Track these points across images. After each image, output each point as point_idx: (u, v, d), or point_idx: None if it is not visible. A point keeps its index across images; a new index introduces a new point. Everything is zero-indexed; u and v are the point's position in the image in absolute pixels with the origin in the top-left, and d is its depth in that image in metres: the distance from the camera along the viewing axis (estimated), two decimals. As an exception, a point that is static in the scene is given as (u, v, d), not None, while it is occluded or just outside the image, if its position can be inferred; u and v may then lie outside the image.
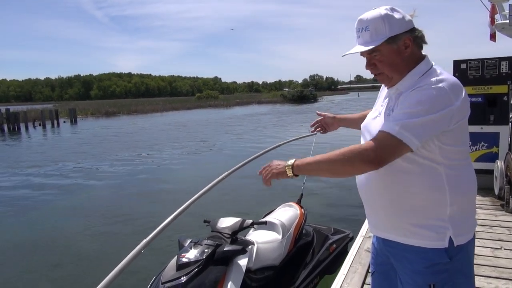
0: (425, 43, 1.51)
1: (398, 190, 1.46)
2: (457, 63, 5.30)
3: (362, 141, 1.62)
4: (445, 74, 1.41)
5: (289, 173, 1.53)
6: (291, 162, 1.54)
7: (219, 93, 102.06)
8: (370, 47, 1.43)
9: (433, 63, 1.49)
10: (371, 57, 1.49)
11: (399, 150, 1.33)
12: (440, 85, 1.34)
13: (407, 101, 1.37)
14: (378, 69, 1.50)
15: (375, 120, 1.57)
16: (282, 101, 67.06)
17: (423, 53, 1.51)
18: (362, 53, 1.50)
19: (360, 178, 1.61)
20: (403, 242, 1.50)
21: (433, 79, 1.37)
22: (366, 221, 4.35)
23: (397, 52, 1.45)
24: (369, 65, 1.52)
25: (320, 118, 2.24)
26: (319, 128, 2.25)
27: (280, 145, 4.07)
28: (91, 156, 14.68)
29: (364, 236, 3.94)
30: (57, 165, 12.73)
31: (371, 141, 1.37)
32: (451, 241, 1.42)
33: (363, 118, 2.07)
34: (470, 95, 5.32)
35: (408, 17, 1.46)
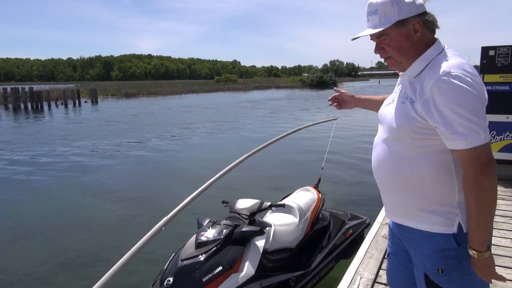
0: (437, 27, 1.48)
1: (408, 176, 1.47)
2: (485, 50, 5.14)
3: (380, 128, 1.63)
4: (454, 58, 1.39)
5: (486, 254, 1.39)
6: (486, 252, 1.39)
7: (238, 77, 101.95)
8: (378, 30, 1.43)
9: (445, 46, 1.46)
10: (380, 41, 1.49)
11: (489, 148, 1.35)
12: (453, 72, 1.32)
13: (442, 106, 1.32)
14: (387, 53, 1.50)
15: (388, 107, 1.58)
16: (301, 86, 66.59)
17: (435, 37, 1.48)
18: (372, 37, 1.50)
19: (373, 162, 1.64)
20: (414, 227, 1.53)
21: (443, 68, 1.34)
22: (384, 207, 4.37)
23: (406, 36, 1.43)
24: (378, 49, 1.52)
25: (336, 94, 2.24)
26: (336, 103, 2.24)
27: (299, 129, 4.07)
28: (113, 135, 14.93)
29: (381, 223, 3.94)
30: (80, 143, 13.00)
31: (475, 164, 1.32)
32: (460, 227, 1.43)
33: (383, 101, 2.07)
34: (497, 84, 5.20)
35: (419, 1, 1.43)
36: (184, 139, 13.70)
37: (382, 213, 4.21)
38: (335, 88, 2.32)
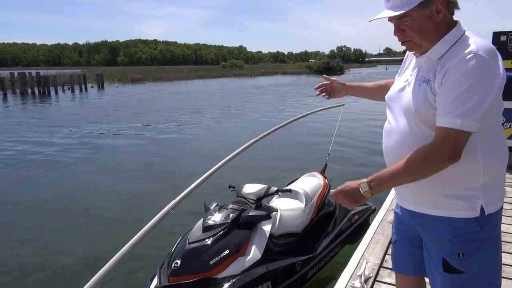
0: (458, 8, 1.43)
1: None
2: (496, 35, 5.05)
3: (389, 113, 1.60)
4: (479, 40, 1.35)
5: (368, 195, 1.46)
6: (365, 186, 1.46)
7: (244, 63, 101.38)
8: (401, 12, 1.37)
9: (465, 29, 1.42)
10: (400, 23, 1.42)
11: (466, 138, 1.32)
12: (480, 53, 1.29)
13: (453, 82, 1.31)
14: (407, 36, 1.43)
15: (404, 91, 1.52)
16: (307, 72, 66.11)
17: (456, 19, 1.44)
18: (391, 19, 1.43)
19: (389, 149, 1.58)
20: (432, 214, 1.50)
21: (469, 48, 1.31)
22: (390, 193, 4.37)
23: (429, 17, 1.38)
24: (397, 31, 1.45)
25: (326, 82, 2.15)
26: (324, 93, 2.15)
27: (307, 115, 4.06)
28: (121, 119, 15.00)
29: (388, 209, 3.95)
30: (89, 127, 13.09)
31: (438, 139, 1.34)
32: (482, 210, 1.42)
33: (377, 88, 2.02)
34: (508, 70, 5.12)
35: None
36: (191, 124, 13.72)
37: (388, 199, 4.22)
38: (325, 76, 2.24)
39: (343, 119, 5.00)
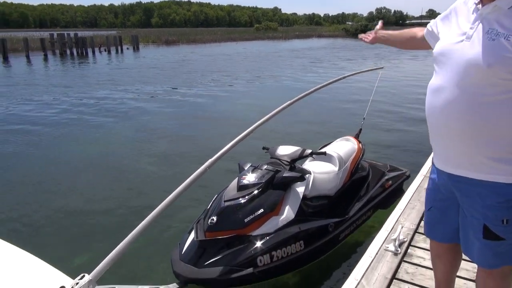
0: None
1: (484, 121, 1.36)
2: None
3: (438, 69, 1.50)
4: None
5: None
6: None
7: (278, 25, 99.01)
8: None
9: None
10: None
11: None
12: None
13: None
14: None
15: (462, 45, 1.41)
16: (344, 35, 63.98)
17: None
18: None
19: (438, 108, 1.49)
20: (477, 178, 1.45)
21: None
22: (428, 160, 4.29)
23: None
24: None
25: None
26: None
27: (344, 78, 3.99)
28: (155, 81, 15.23)
29: (425, 175, 3.89)
30: (124, 88, 13.39)
31: None
32: None
33: (408, 37, 1.97)
34: None
35: None
36: (226, 87, 13.76)
37: (426, 166, 4.15)
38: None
39: (381, 84, 4.88)
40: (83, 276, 1.81)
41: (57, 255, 3.29)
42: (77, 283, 1.74)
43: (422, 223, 3.01)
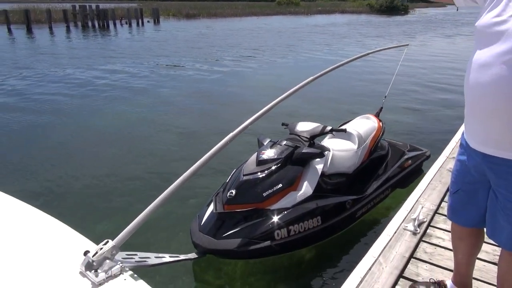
0: None
1: None
2: None
3: (484, 42, 1.40)
4: None
5: None
6: None
7: (300, 0, 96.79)
8: None
9: None
10: None
11: None
12: None
13: None
14: None
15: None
16: (368, 11, 62.13)
17: None
18: None
19: (483, 83, 1.39)
20: None
21: None
22: (452, 141, 4.21)
23: None
24: None
25: None
26: None
27: (368, 54, 3.91)
28: (176, 54, 15.19)
29: (448, 156, 3.83)
30: (145, 60, 13.43)
31: None
32: None
33: None
34: None
35: None
36: (247, 62, 13.63)
37: (449, 147, 4.08)
38: None
39: (405, 61, 4.75)
40: (107, 241, 1.86)
41: (81, 221, 3.40)
42: (101, 248, 1.80)
43: (443, 204, 2.98)
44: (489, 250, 2.41)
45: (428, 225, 2.74)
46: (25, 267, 1.75)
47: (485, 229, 1.69)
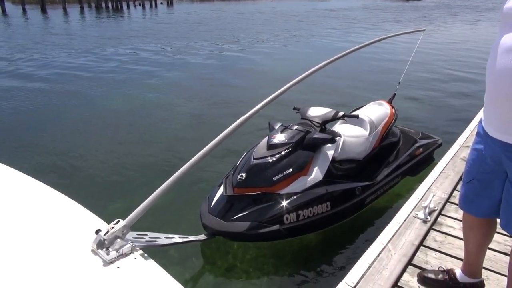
0: None
1: None
2: None
3: (504, 28, 1.37)
4: None
5: None
6: None
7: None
8: None
9: None
10: None
11: None
12: None
13: None
14: None
15: None
16: (384, -5, 60.83)
17: None
18: None
19: (504, 73, 1.36)
20: None
21: None
22: (467, 129, 4.14)
23: None
24: None
25: None
26: None
27: (383, 39, 3.84)
28: (188, 37, 15.14)
29: (462, 145, 3.77)
30: (157, 42, 13.41)
31: None
32: None
33: None
34: None
35: None
36: (260, 45, 13.52)
37: (463, 136, 4.01)
38: None
39: (422, 47, 4.65)
40: (118, 221, 1.89)
41: (93, 201, 3.45)
42: (112, 227, 1.83)
43: (455, 193, 2.95)
44: (501, 240, 2.38)
45: (439, 213, 2.72)
46: (38, 244, 1.78)
47: (498, 220, 1.67)
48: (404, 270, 2.19)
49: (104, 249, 1.74)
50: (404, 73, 4.30)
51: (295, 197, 2.84)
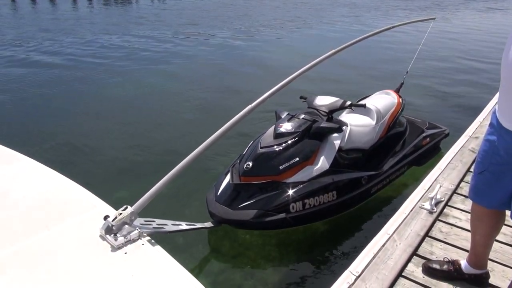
0: None
1: None
2: None
3: None
4: None
5: None
6: None
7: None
8: None
9: None
10: None
11: None
12: None
13: None
14: None
15: None
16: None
17: None
18: None
19: None
20: None
21: None
22: (476, 121, 4.10)
23: None
24: None
25: None
26: None
27: (393, 27, 3.79)
28: (196, 24, 15.04)
29: (471, 136, 3.74)
30: (165, 29, 13.34)
31: None
32: None
33: None
34: None
35: None
36: (267, 33, 13.39)
37: (472, 127, 3.98)
38: None
39: (432, 36, 4.58)
40: (126, 207, 1.92)
41: (101, 187, 3.48)
42: (120, 213, 1.85)
43: (462, 184, 2.94)
44: (507, 232, 2.38)
45: (446, 204, 2.72)
46: (48, 230, 1.81)
47: (508, 212, 1.66)
48: (409, 260, 2.20)
49: (112, 235, 1.77)
50: (412, 62, 4.25)
51: (301, 186, 2.84)
